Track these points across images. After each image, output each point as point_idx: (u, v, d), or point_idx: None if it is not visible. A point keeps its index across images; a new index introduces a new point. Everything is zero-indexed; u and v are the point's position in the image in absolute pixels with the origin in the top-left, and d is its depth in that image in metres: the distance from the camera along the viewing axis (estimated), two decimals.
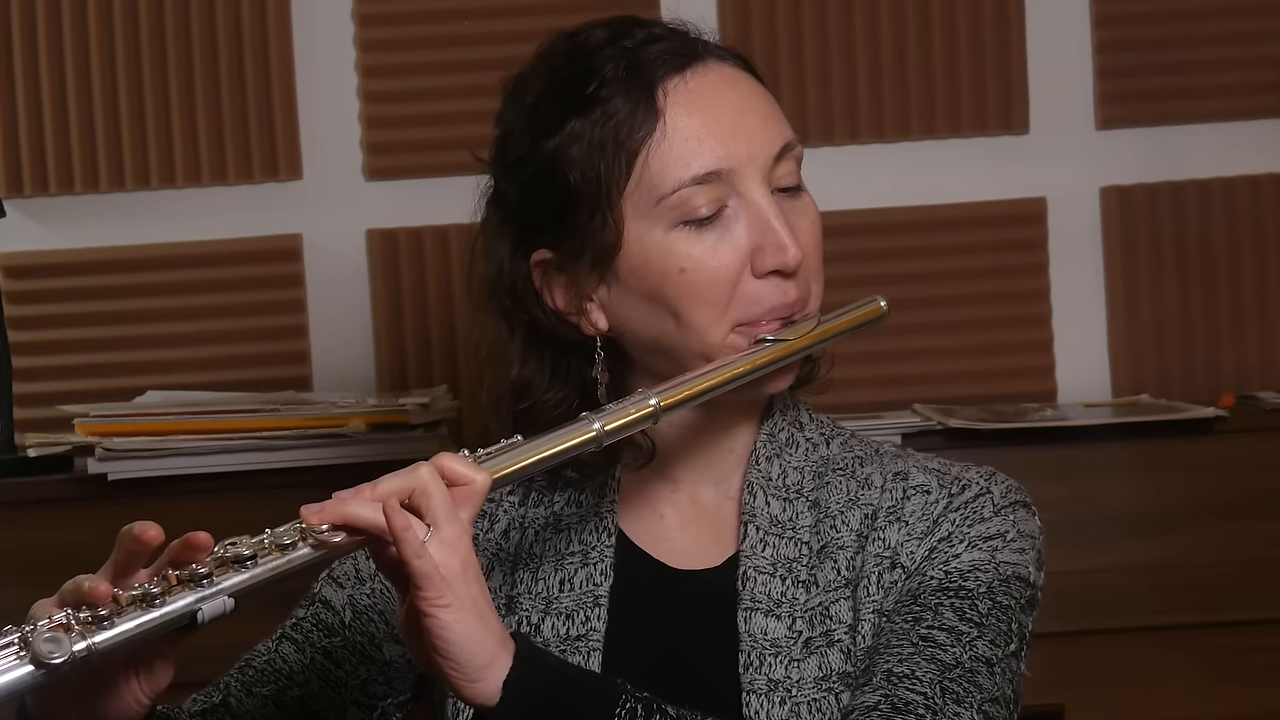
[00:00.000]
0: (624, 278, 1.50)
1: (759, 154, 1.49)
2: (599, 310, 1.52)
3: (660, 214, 1.48)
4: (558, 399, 1.55)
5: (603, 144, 1.48)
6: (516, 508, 1.61)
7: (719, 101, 1.50)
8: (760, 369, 1.48)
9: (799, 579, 1.50)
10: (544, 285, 1.54)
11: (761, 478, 1.54)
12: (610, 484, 1.57)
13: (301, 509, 1.31)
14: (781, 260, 1.47)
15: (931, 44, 2.71)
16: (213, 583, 1.26)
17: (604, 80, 1.49)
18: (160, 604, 1.25)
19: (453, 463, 1.34)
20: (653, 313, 1.50)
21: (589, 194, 1.48)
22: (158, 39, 2.69)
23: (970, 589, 1.47)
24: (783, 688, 1.46)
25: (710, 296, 1.48)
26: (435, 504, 1.31)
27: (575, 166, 1.48)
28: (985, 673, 1.44)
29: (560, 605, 1.54)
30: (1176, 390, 2.68)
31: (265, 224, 2.71)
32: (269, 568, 1.28)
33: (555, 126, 1.50)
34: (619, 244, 1.48)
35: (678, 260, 1.48)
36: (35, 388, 2.66)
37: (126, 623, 1.23)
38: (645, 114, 1.48)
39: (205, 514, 2.29)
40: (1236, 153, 2.71)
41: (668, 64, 1.50)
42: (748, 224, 1.48)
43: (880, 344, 2.65)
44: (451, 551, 1.30)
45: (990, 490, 1.53)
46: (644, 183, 1.48)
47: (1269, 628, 2.34)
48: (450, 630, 1.30)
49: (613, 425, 1.41)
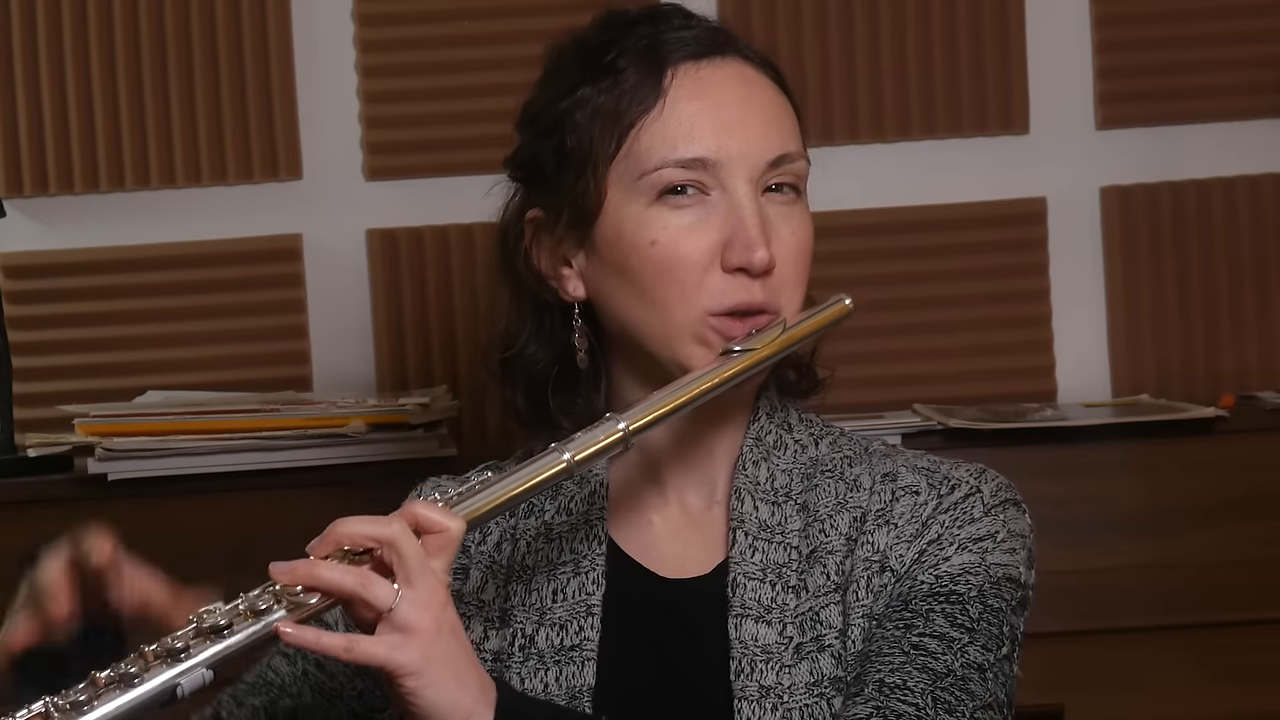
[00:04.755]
0: (600, 247, 1.51)
1: (752, 154, 1.49)
2: (576, 278, 1.54)
3: (642, 189, 1.49)
4: (540, 356, 1.57)
5: (602, 112, 1.50)
6: (508, 519, 1.60)
7: (725, 94, 1.51)
8: (729, 381, 1.47)
9: (788, 584, 1.50)
10: (532, 243, 1.56)
11: (749, 482, 1.54)
12: (599, 491, 1.57)
13: (270, 567, 1.30)
14: (747, 259, 1.47)
15: (931, 44, 2.71)
16: (189, 655, 1.25)
17: (623, 51, 1.51)
18: (139, 683, 1.23)
19: (425, 510, 1.33)
20: (622, 287, 1.50)
21: (579, 158, 1.50)
22: (158, 39, 2.69)
23: (961, 593, 1.46)
24: (774, 694, 1.46)
25: (677, 275, 1.48)
26: (407, 562, 1.29)
27: (575, 130, 1.51)
28: (977, 679, 1.43)
29: (554, 615, 1.53)
30: (1176, 390, 2.67)
31: (265, 224, 2.71)
32: (245, 634, 1.27)
33: (569, 89, 1.53)
34: (598, 211, 1.50)
35: (650, 233, 1.48)
36: (35, 388, 2.66)
37: (106, 705, 1.22)
38: (649, 90, 1.49)
39: (205, 514, 2.32)
40: (1236, 153, 2.71)
41: (686, 49, 1.52)
42: (724, 216, 1.48)
43: (880, 344, 2.66)
44: (424, 610, 1.29)
45: (980, 489, 1.52)
46: (632, 156, 1.49)
47: (1269, 628, 2.34)
48: (420, 696, 1.29)
49: (583, 455, 1.40)
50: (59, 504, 2.35)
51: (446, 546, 1.32)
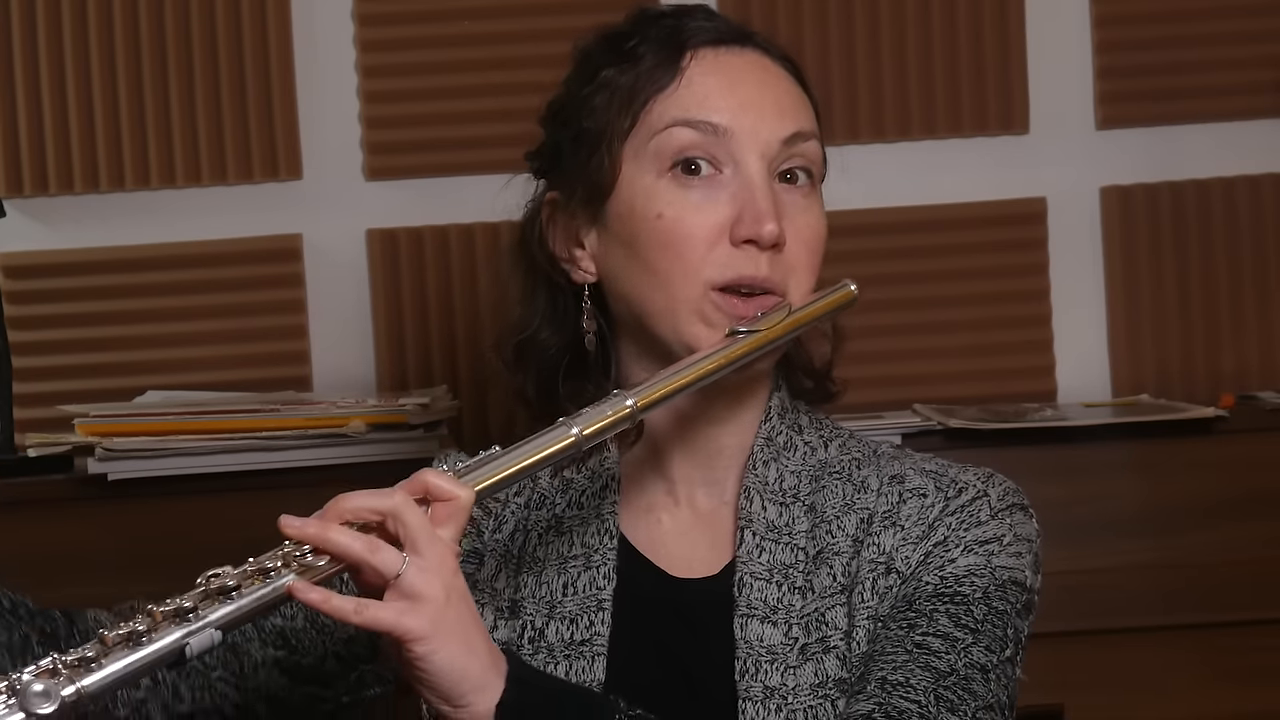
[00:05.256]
0: (611, 223, 1.53)
1: (764, 131, 1.51)
2: (589, 259, 1.55)
3: (652, 154, 1.50)
4: (551, 341, 1.58)
5: (619, 89, 1.52)
6: (522, 509, 1.61)
7: (742, 75, 1.53)
8: (735, 362, 1.48)
9: (795, 585, 1.50)
10: (549, 225, 1.58)
11: (758, 482, 1.54)
12: (611, 485, 1.57)
13: (281, 519, 1.30)
14: (756, 231, 1.48)
15: (931, 44, 2.71)
16: (199, 616, 1.25)
17: (645, 38, 1.54)
18: (147, 642, 1.23)
19: (435, 478, 1.33)
20: (629, 264, 1.51)
21: (594, 135, 1.52)
22: (158, 39, 2.68)
23: (966, 595, 1.47)
24: (779, 695, 1.46)
25: (683, 249, 1.48)
26: (412, 530, 1.30)
27: (593, 112, 1.53)
28: (980, 680, 1.43)
29: (564, 609, 1.53)
30: (1176, 390, 2.68)
31: (265, 224, 2.71)
32: (254, 598, 1.27)
33: (591, 75, 1.55)
34: (612, 185, 1.52)
35: (658, 205, 1.49)
36: (35, 388, 2.66)
37: (114, 663, 1.22)
38: (666, 70, 1.52)
39: (205, 514, 2.32)
40: (1236, 153, 2.71)
41: (707, 36, 1.55)
42: (734, 194, 1.50)
43: (880, 344, 2.66)
44: (434, 577, 1.29)
45: (987, 493, 1.52)
46: (643, 126, 1.51)
47: (1269, 628, 2.34)
48: (429, 662, 1.29)
49: (590, 430, 1.41)
50: (59, 504, 2.35)
51: (456, 514, 1.32)
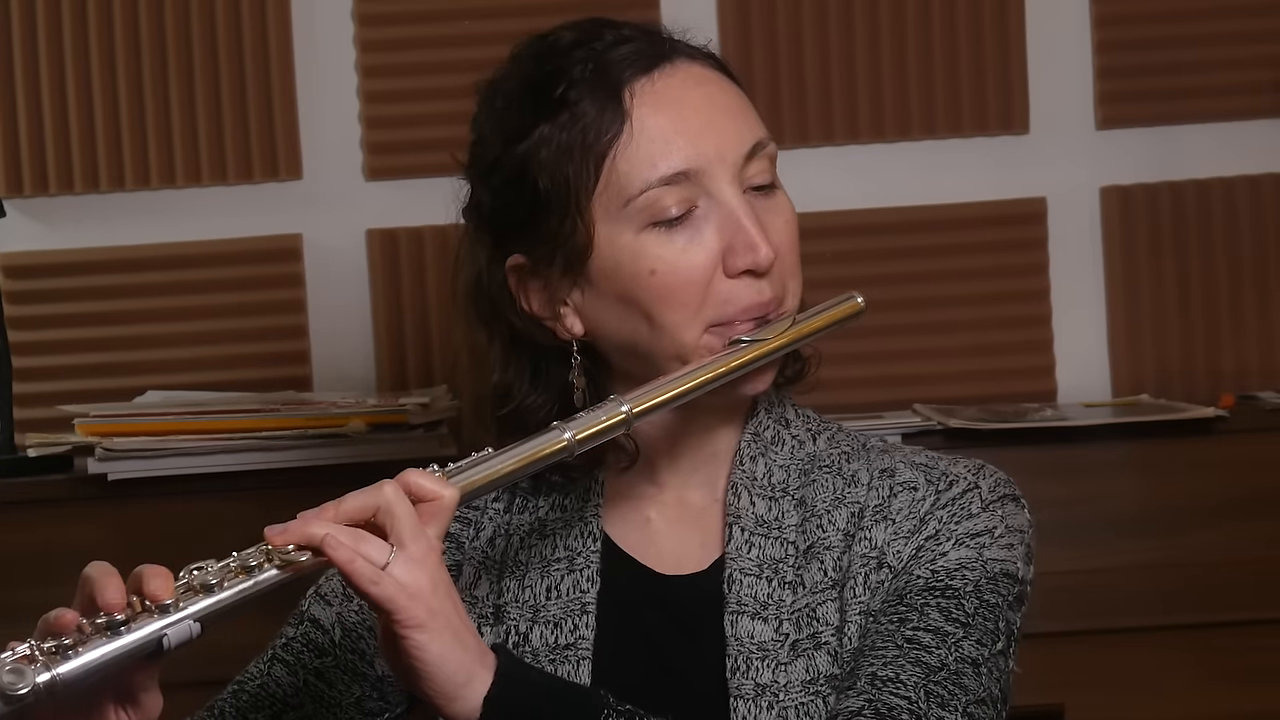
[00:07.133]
0: (596, 281, 1.49)
1: (728, 153, 1.48)
2: (574, 315, 1.52)
3: (629, 216, 1.47)
4: (538, 403, 1.54)
5: (570, 148, 1.47)
6: (502, 514, 1.59)
7: (686, 101, 1.49)
8: (736, 370, 1.47)
9: (785, 580, 1.49)
10: (519, 290, 1.53)
11: (746, 477, 1.53)
12: (594, 488, 1.56)
13: (265, 530, 1.30)
14: (753, 260, 1.46)
15: (931, 44, 2.71)
16: (178, 608, 1.25)
17: (572, 82, 1.48)
18: (125, 631, 1.23)
19: (419, 478, 1.33)
20: (626, 315, 1.49)
21: (559, 198, 1.47)
22: (158, 39, 2.69)
23: (957, 588, 1.46)
24: (770, 692, 1.45)
25: (682, 298, 1.46)
26: (400, 523, 1.30)
27: (545, 171, 1.48)
28: (971, 674, 1.42)
29: (548, 613, 1.53)
30: (1176, 390, 2.68)
31: (265, 224, 2.71)
32: (234, 591, 1.27)
33: (525, 131, 1.49)
34: (590, 247, 1.48)
35: (648, 262, 1.47)
36: (35, 388, 2.66)
37: (90, 652, 1.22)
38: (612, 116, 1.47)
39: (205, 514, 2.32)
40: (1236, 153, 2.71)
41: (635, 65, 1.49)
42: (718, 224, 1.47)
43: (880, 344, 2.66)
44: (420, 569, 1.29)
45: (978, 485, 1.52)
46: (612, 185, 1.47)
47: (1269, 628, 2.34)
48: (426, 650, 1.29)
49: (584, 434, 1.40)
50: (59, 504, 2.35)
51: (439, 514, 1.32)
